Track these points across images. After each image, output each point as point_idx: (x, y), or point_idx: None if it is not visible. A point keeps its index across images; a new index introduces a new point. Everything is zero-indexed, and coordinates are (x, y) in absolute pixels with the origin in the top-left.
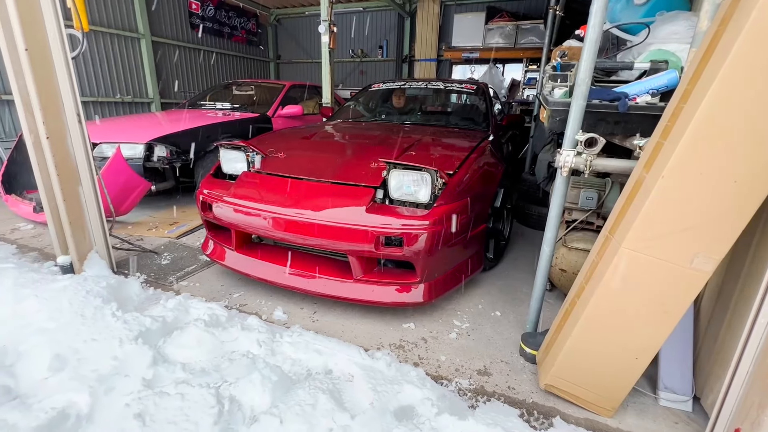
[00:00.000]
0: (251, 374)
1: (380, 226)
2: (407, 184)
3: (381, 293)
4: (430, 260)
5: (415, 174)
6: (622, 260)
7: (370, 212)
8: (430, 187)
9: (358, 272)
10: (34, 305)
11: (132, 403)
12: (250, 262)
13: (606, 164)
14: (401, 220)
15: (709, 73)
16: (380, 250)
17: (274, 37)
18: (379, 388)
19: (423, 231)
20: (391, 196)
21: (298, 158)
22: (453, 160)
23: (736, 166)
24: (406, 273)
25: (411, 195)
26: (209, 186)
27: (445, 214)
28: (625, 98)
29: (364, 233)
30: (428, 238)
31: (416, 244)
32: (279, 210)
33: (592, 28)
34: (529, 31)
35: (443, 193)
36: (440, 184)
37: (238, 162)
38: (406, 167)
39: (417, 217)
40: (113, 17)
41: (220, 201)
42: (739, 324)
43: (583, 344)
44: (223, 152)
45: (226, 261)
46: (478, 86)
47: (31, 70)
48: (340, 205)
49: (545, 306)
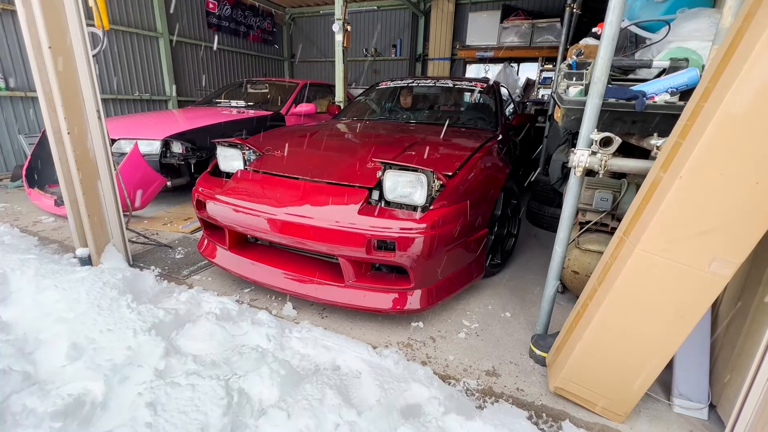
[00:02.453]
0: (260, 368)
1: (371, 228)
2: (402, 185)
3: (373, 299)
4: (426, 266)
5: (410, 175)
6: (636, 262)
7: (362, 214)
8: (426, 189)
9: (350, 276)
10: (54, 295)
11: (144, 392)
12: (242, 262)
13: (622, 164)
14: (394, 223)
15: (731, 71)
16: (372, 254)
17: (289, 36)
18: (387, 385)
19: (417, 235)
20: (387, 197)
21: (295, 157)
22: (453, 161)
23: (757, 168)
24: (400, 279)
25: (407, 197)
26: (204, 184)
27: (442, 217)
28: (643, 97)
29: (355, 236)
30: (422, 243)
31: (409, 249)
32: (269, 210)
33: (609, 25)
34: (545, 30)
35: (441, 195)
36: (437, 185)
37: (234, 160)
38: (402, 168)
39: (411, 220)
40: (133, 17)
41: (212, 199)
42: (758, 332)
43: (595, 347)
44: (220, 150)
45: (218, 260)
46: (488, 84)
47: (53, 68)
48: (332, 206)
49: (556, 308)
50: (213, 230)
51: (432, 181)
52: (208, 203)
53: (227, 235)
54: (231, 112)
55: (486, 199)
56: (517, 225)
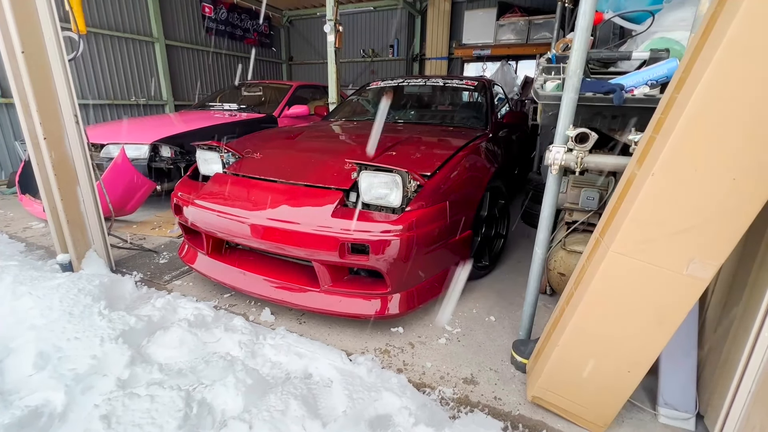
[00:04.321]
0: (226, 377)
1: (344, 231)
2: (378, 186)
3: (349, 305)
4: (403, 270)
5: (385, 176)
6: (611, 265)
7: (336, 217)
8: (401, 190)
9: (326, 281)
10: (29, 302)
11: (101, 403)
12: (219, 267)
13: (599, 161)
14: (367, 226)
15: (704, 59)
16: (345, 258)
17: (287, 39)
18: (356, 395)
19: (391, 237)
20: (362, 199)
21: (273, 159)
22: (434, 161)
23: (734, 162)
24: (377, 283)
25: (383, 199)
26: (182, 188)
27: (419, 219)
28: (621, 90)
29: (327, 239)
30: (397, 246)
31: (384, 252)
32: (241, 213)
33: (583, 15)
34: (542, 27)
35: (418, 196)
36: (414, 186)
37: (213, 163)
38: (377, 168)
39: (385, 222)
40: (128, 22)
41: (187, 203)
42: (744, 337)
43: (571, 354)
44: (199, 153)
45: (197, 265)
46: (479, 82)
47: (27, 73)
48: (305, 209)
49: (544, 312)
50: (193, 235)
51: (408, 181)
52: (184, 207)
53: (205, 240)
54: (223, 115)
55: (468, 200)
56: (505, 226)
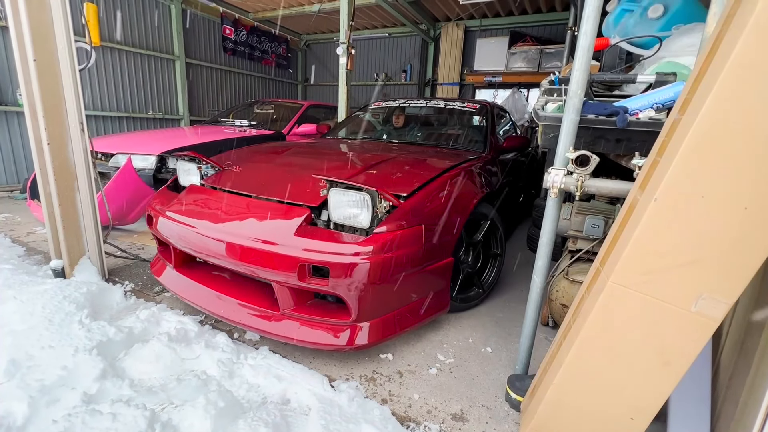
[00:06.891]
0: (197, 398)
1: (304, 251)
2: (347, 205)
3: (307, 332)
4: (367, 297)
5: (354, 194)
6: (610, 297)
7: (299, 235)
8: (370, 210)
9: (288, 304)
10: (12, 307)
11: (60, 419)
12: (181, 281)
13: (600, 185)
14: (329, 247)
15: (709, 79)
16: (305, 281)
17: (304, 61)
18: (333, 426)
19: (355, 261)
20: (332, 218)
21: (251, 173)
22: (413, 181)
23: (745, 188)
24: (341, 310)
25: (353, 218)
26: (158, 198)
27: (389, 242)
28: (625, 113)
29: (285, 258)
30: (360, 271)
31: (345, 277)
32: (203, 225)
33: (584, 35)
34: (553, 56)
35: (389, 217)
36: (385, 207)
37: (191, 175)
38: (347, 186)
39: (349, 243)
40: (152, 40)
41: (157, 213)
42: (763, 385)
43: (567, 395)
44: (179, 163)
45: (162, 278)
46: (481, 105)
47: (37, 79)
48: (268, 224)
49: (545, 345)
50: (164, 247)
51: (378, 201)
52: (154, 218)
53: (173, 252)
54: (233, 131)
55: (449, 225)
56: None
